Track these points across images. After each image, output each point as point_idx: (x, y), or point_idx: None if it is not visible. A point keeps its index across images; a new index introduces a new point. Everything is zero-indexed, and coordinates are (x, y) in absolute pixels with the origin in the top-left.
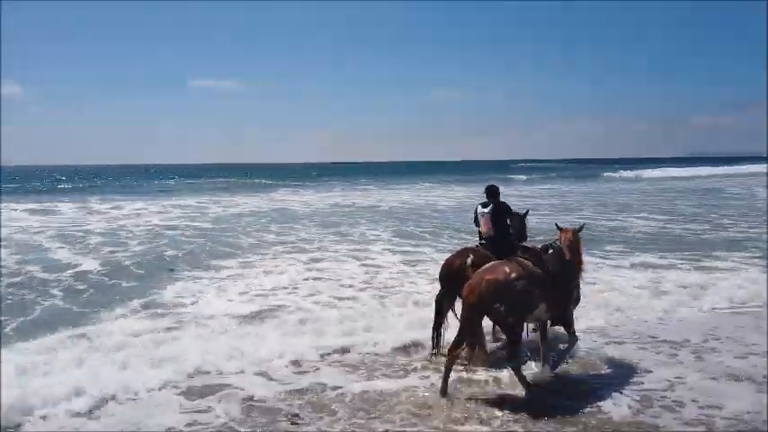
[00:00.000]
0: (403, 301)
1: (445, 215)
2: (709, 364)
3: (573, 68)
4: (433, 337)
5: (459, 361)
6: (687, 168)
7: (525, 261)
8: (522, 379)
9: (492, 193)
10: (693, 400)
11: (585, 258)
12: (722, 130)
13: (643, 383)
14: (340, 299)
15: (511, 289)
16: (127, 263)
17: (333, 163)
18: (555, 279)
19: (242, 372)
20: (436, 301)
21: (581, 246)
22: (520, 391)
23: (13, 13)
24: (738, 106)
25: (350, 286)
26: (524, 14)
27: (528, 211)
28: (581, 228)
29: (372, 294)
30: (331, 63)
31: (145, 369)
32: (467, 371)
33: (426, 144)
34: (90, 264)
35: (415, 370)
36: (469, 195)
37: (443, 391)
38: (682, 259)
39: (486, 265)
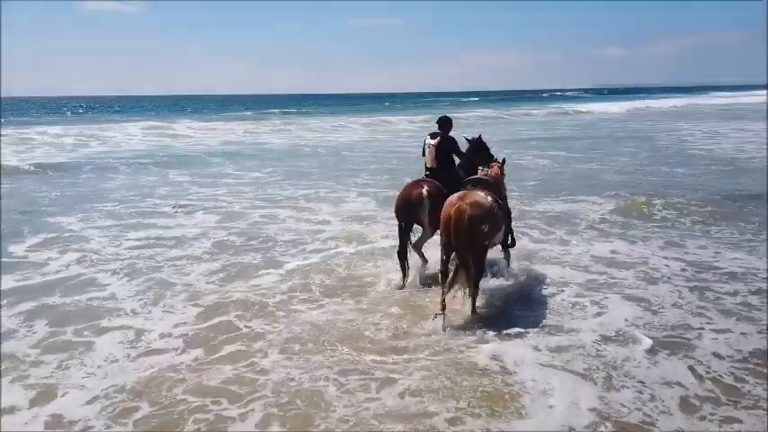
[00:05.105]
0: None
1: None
2: None
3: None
4: (403, 269)
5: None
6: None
7: (484, 190)
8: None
9: (442, 123)
10: None
11: None
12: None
13: None
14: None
15: (492, 210)
16: None
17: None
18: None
19: None
20: (399, 234)
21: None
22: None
23: None
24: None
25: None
26: None
27: (480, 137)
28: (503, 161)
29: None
30: None
31: None
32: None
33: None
34: None
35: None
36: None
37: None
38: None
39: (458, 194)
